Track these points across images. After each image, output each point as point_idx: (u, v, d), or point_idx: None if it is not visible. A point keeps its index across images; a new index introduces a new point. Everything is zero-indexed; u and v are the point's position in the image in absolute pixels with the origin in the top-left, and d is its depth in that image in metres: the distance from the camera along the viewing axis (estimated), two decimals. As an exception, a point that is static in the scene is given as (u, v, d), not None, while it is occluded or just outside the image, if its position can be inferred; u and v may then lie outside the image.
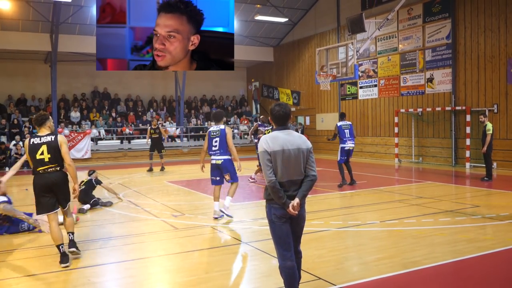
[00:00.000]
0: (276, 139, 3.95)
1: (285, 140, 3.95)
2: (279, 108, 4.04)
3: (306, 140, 4.08)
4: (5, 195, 7.36)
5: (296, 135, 4.05)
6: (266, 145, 3.93)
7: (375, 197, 10.06)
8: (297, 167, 3.95)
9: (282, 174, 3.91)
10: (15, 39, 20.69)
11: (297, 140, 3.99)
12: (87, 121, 22.91)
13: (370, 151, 20.23)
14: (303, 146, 3.99)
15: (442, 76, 16.92)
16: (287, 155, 3.90)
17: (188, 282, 4.94)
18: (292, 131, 4.06)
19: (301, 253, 4.29)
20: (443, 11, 16.71)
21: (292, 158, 3.92)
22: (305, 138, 4.10)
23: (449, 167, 16.15)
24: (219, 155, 7.96)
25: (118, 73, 25.37)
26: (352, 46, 16.42)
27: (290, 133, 4.03)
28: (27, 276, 5.25)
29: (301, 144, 3.99)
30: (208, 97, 28.42)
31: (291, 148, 3.93)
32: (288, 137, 3.98)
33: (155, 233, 7.23)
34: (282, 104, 4.09)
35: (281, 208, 3.92)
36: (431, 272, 5.07)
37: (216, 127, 8.17)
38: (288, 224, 4.00)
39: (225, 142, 7.95)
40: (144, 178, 14.83)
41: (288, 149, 3.92)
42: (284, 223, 3.98)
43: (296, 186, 3.96)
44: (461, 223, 7.40)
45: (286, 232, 3.99)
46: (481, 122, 12.63)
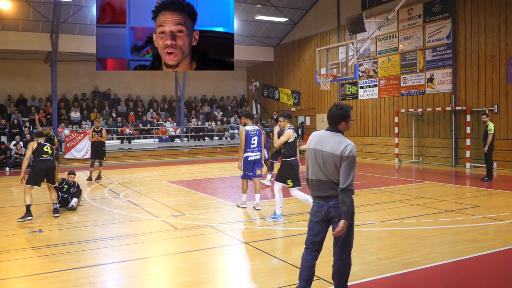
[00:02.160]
0: (314, 137, 4.06)
1: (321, 140, 3.97)
2: (335, 110, 4.00)
3: (345, 147, 3.81)
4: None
5: (335, 139, 3.90)
6: (308, 142, 4.11)
7: (375, 197, 10.06)
8: (325, 169, 3.90)
9: (310, 172, 4.04)
10: (15, 39, 20.69)
11: (332, 144, 3.88)
12: (87, 121, 22.91)
13: (370, 151, 20.23)
14: (336, 151, 3.83)
15: (442, 76, 16.92)
16: (316, 155, 3.96)
17: (188, 282, 4.94)
18: (337, 135, 3.92)
19: (340, 262, 4.06)
20: (443, 11, 16.71)
21: (320, 160, 3.92)
22: (346, 145, 3.82)
23: (449, 167, 16.15)
24: (257, 152, 8.81)
25: (118, 73, 25.37)
26: (352, 46, 16.42)
27: (332, 136, 3.94)
28: (27, 276, 5.25)
29: (336, 149, 3.84)
30: (208, 97, 28.41)
31: (323, 150, 3.92)
32: (325, 138, 3.96)
33: (155, 233, 7.23)
34: (339, 105, 4.03)
35: (315, 206, 4.02)
36: (431, 272, 5.07)
37: (252, 126, 8.92)
38: (320, 225, 4.02)
39: (260, 141, 8.94)
40: (144, 178, 14.83)
41: (320, 150, 3.94)
42: (316, 222, 4.04)
43: (324, 188, 3.91)
44: (461, 223, 7.40)
45: (316, 231, 4.05)
46: (483, 122, 12.63)
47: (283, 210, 7.92)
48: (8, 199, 11.02)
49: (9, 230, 7.61)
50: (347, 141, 3.88)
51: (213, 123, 25.48)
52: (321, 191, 3.94)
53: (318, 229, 4.04)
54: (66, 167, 19.08)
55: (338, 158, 3.82)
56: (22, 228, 7.71)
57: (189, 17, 4.93)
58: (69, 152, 20.16)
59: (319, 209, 3.98)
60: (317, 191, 3.97)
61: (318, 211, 3.99)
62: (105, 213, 8.89)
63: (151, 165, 19.69)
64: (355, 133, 21.11)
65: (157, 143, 22.94)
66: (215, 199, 10.25)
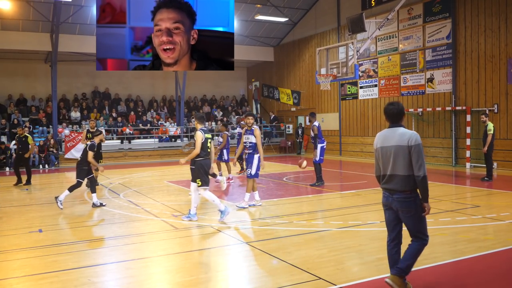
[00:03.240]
0: (380, 137, 4.45)
1: (386, 138, 4.36)
2: (392, 107, 4.35)
3: (410, 137, 4.19)
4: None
5: (398, 133, 4.28)
6: (374, 143, 4.51)
7: (375, 197, 10.05)
8: (394, 164, 4.26)
9: (382, 168, 4.41)
10: (15, 39, 20.70)
11: (397, 138, 4.26)
12: (87, 121, 22.91)
13: (370, 151, 20.22)
14: (402, 143, 4.21)
15: (442, 76, 16.91)
16: (384, 152, 4.34)
17: (188, 282, 4.93)
18: (399, 129, 4.30)
19: (415, 242, 4.36)
20: (443, 11, 16.71)
21: (388, 154, 4.30)
22: (410, 135, 4.21)
23: (450, 167, 16.14)
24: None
25: (118, 73, 25.37)
26: (352, 46, 16.42)
27: (395, 131, 4.32)
28: (27, 276, 5.25)
29: (401, 141, 4.22)
30: (208, 97, 28.41)
31: (388, 145, 4.31)
32: (389, 135, 4.35)
33: (155, 233, 7.23)
34: (395, 103, 4.38)
35: (383, 197, 4.44)
36: (431, 272, 5.07)
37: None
38: (389, 212, 4.42)
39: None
40: (144, 178, 14.84)
41: (386, 146, 4.33)
42: (386, 210, 4.47)
43: (391, 181, 4.29)
44: (461, 223, 7.40)
45: (387, 218, 4.47)
46: (483, 121, 12.63)
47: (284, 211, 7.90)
48: (8, 199, 11.02)
49: (9, 230, 7.61)
50: (409, 131, 4.29)
51: (213, 123, 25.49)
52: (388, 184, 4.34)
53: (388, 217, 4.45)
54: (66, 167, 19.10)
55: (406, 149, 4.19)
56: (22, 228, 7.71)
57: (186, 15, 4.95)
58: (69, 152, 20.16)
59: (384, 199, 4.43)
60: (385, 184, 4.39)
61: (385, 202, 4.42)
62: (105, 213, 8.88)
63: (151, 165, 19.69)
64: (355, 133, 21.12)
65: (157, 143, 22.95)
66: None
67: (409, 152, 4.17)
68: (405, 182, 4.21)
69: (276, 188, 11.80)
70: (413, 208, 4.24)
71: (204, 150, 7.80)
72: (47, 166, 19.21)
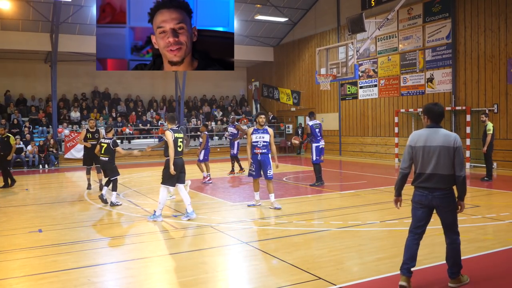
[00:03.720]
0: (421, 136, 4.57)
1: (428, 138, 4.51)
2: (437, 108, 4.58)
3: (455, 139, 4.44)
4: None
5: (442, 134, 4.49)
6: (412, 141, 4.61)
7: (375, 197, 10.06)
8: (439, 162, 4.44)
9: (421, 167, 4.53)
10: (15, 38, 20.69)
11: (442, 138, 4.47)
12: (87, 121, 22.88)
13: (370, 151, 20.23)
14: (447, 144, 4.44)
15: (442, 76, 16.92)
16: (427, 151, 4.49)
17: (188, 282, 4.93)
18: (441, 130, 4.51)
19: (453, 243, 4.60)
20: (443, 11, 16.71)
21: (431, 154, 4.47)
22: (455, 137, 4.46)
23: (449, 167, 16.12)
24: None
25: (118, 73, 25.36)
26: (352, 46, 16.42)
27: (437, 131, 4.52)
28: (27, 276, 5.25)
29: (446, 142, 4.44)
30: (208, 97, 28.41)
31: (432, 145, 4.48)
32: (431, 135, 4.52)
33: (155, 233, 7.23)
34: (438, 103, 4.63)
35: (418, 195, 4.58)
36: (431, 272, 5.07)
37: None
38: (423, 210, 4.57)
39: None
40: (144, 178, 14.84)
41: (429, 146, 4.48)
42: (419, 209, 4.59)
43: (438, 180, 4.44)
44: (461, 223, 7.35)
45: (418, 216, 4.61)
46: (482, 121, 12.63)
47: (284, 211, 7.90)
48: (8, 199, 11.02)
49: (9, 230, 7.61)
50: (453, 133, 4.54)
51: (213, 123, 25.48)
52: (427, 183, 4.49)
53: (420, 215, 4.58)
54: (66, 167, 19.10)
55: (452, 150, 4.43)
56: (22, 228, 7.72)
57: (186, 13, 4.97)
58: (69, 152, 20.17)
59: (422, 198, 4.54)
60: (423, 183, 4.52)
61: (421, 200, 4.54)
62: (105, 213, 8.88)
63: (151, 165, 19.69)
64: (355, 133, 21.12)
65: (157, 143, 22.90)
66: (215, 199, 10.25)
67: (454, 153, 4.42)
68: (446, 180, 4.45)
69: (276, 188, 11.77)
70: (453, 203, 4.50)
71: (175, 149, 7.84)
72: (47, 166, 19.22)
